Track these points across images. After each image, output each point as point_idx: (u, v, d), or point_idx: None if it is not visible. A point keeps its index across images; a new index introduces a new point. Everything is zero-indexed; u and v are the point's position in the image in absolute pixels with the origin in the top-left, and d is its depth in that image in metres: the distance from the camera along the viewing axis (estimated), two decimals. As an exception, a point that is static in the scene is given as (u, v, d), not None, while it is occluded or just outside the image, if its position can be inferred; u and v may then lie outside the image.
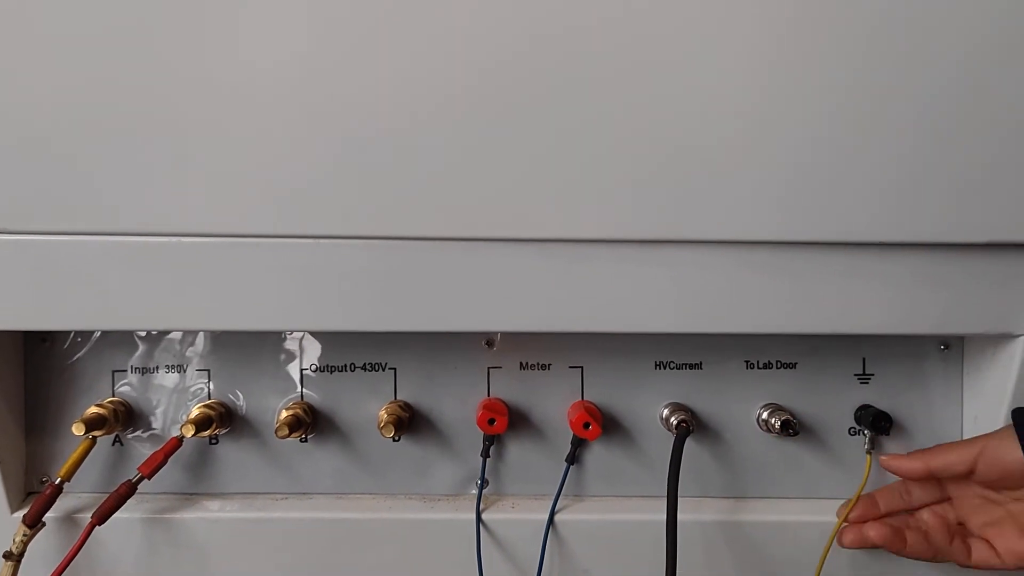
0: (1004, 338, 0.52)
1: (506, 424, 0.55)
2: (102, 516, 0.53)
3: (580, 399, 0.57)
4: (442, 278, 0.49)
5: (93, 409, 0.55)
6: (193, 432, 0.54)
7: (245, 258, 0.49)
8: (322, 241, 0.49)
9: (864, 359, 0.57)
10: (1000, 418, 0.53)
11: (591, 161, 0.46)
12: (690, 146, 0.46)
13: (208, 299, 0.50)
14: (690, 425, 0.54)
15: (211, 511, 0.56)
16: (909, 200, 0.47)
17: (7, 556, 0.52)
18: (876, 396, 0.57)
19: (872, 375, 0.57)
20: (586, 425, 0.54)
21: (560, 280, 0.49)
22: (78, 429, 0.53)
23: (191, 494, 0.58)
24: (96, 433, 0.55)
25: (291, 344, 0.57)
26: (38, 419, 0.57)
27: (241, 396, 0.57)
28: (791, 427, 0.54)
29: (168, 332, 0.57)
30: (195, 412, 0.56)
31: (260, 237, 0.48)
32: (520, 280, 0.49)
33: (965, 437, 0.56)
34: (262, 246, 0.49)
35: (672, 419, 0.55)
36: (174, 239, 0.49)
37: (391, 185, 0.47)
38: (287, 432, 0.53)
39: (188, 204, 0.47)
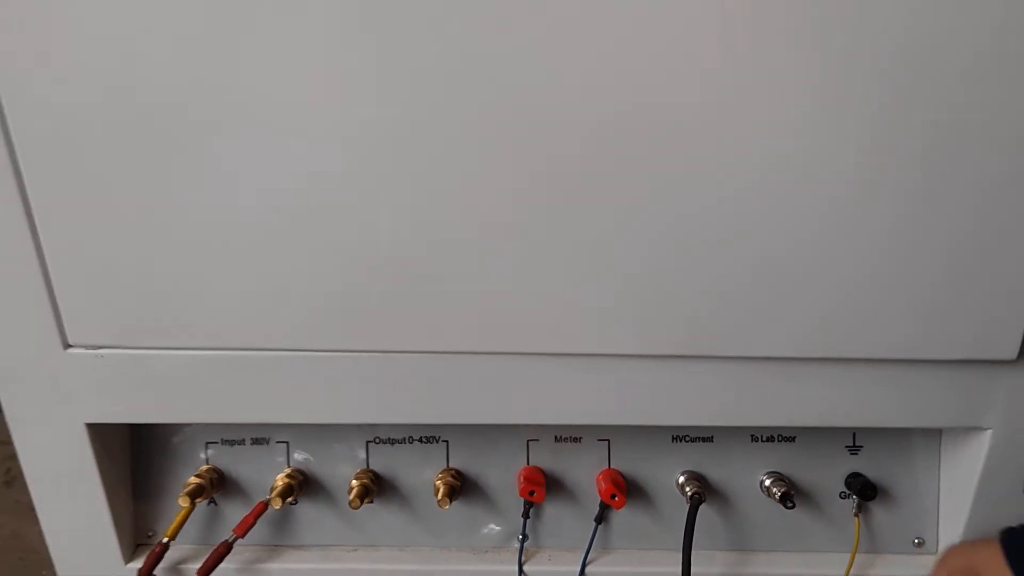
0: (974, 430, 0.60)
1: (544, 495, 0.64)
2: (206, 571, 0.63)
3: (607, 468, 0.66)
4: (486, 383, 0.58)
5: (193, 479, 0.65)
6: (280, 504, 0.63)
7: (323, 367, 0.58)
8: (385, 355, 0.57)
9: (855, 434, 0.66)
10: (972, 489, 0.62)
11: (613, 291, 0.54)
12: (703, 283, 0.54)
13: (294, 399, 0.59)
14: (702, 495, 0.63)
15: (293, 562, 0.66)
16: (890, 322, 0.55)
17: (127, 604, 0.63)
18: (865, 465, 0.66)
19: (861, 447, 0.66)
20: (612, 496, 0.63)
21: (586, 384, 0.58)
22: (184, 501, 0.63)
23: (275, 546, 0.68)
24: (196, 500, 0.64)
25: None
26: (143, 482, 0.67)
27: (316, 463, 0.67)
28: (789, 499, 0.63)
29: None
30: (279, 483, 0.65)
31: (337, 352, 0.57)
32: (552, 385, 0.58)
33: (941, 505, 0.65)
34: (336, 358, 0.58)
35: (687, 488, 0.64)
36: (264, 353, 0.57)
37: (442, 312, 0.55)
38: (359, 503, 0.63)
39: (277, 323, 0.56)
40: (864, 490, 0.64)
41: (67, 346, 0.57)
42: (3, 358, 0.58)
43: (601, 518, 0.66)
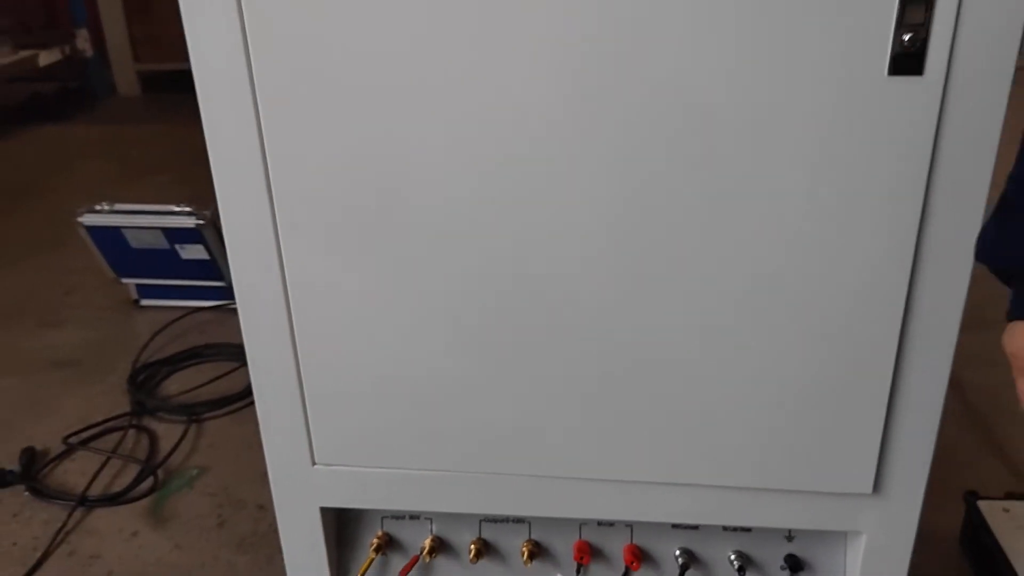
0: (848, 533, 0.97)
1: (589, 559, 1.03)
2: (383, 597, 1.05)
3: (630, 543, 1.05)
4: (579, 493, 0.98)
5: (374, 540, 1.07)
6: (429, 560, 1.04)
7: (507, 484, 0.99)
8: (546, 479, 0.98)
9: (790, 529, 1.03)
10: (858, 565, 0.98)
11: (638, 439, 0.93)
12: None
13: (478, 497, 1.00)
14: (688, 564, 1.01)
15: (434, 594, 1.07)
16: (750, 453, 0.92)
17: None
18: (797, 547, 1.03)
19: (795, 536, 1.03)
20: (631, 562, 1.02)
21: (621, 495, 0.97)
22: (371, 553, 1.05)
23: (422, 583, 1.09)
24: (372, 556, 1.06)
25: (475, 506, 1.07)
26: (342, 537, 1.09)
27: (450, 531, 1.08)
28: (743, 572, 1.01)
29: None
30: (427, 544, 1.06)
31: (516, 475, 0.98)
32: (605, 497, 0.97)
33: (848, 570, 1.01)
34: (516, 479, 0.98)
35: (680, 559, 1.02)
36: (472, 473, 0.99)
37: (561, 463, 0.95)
38: (476, 560, 1.03)
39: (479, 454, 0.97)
40: (795, 566, 1.01)
41: (314, 463, 1.00)
42: (273, 465, 1.01)
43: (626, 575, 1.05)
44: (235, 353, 1.99)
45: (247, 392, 1.82)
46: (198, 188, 2.71)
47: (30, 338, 2.10)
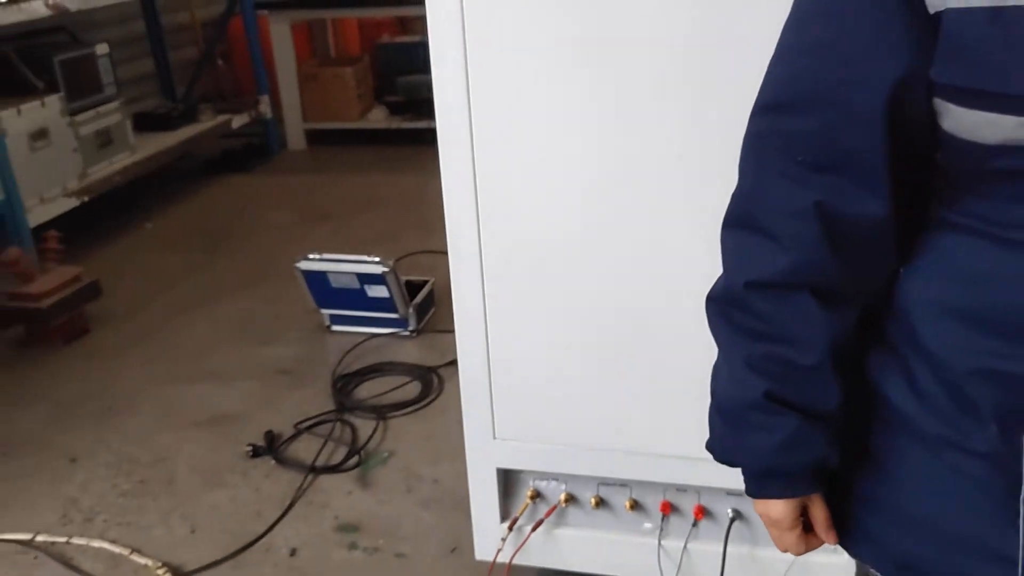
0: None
1: (670, 512, 1.56)
2: (537, 525, 1.61)
3: (698, 503, 1.57)
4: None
5: (529, 492, 1.63)
6: (564, 506, 1.60)
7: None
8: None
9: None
10: None
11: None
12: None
13: (598, 465, 1.55)
14: (736, 518, 1.53)
15: (570, 528, 1.62)
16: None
17: None
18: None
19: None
20: (698, 516, 1.54)
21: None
22: (525, 503, 1.61)
23: (556, 527, 1.64)
24: (527, 502, 1.62)
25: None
26: (507, 489, 1.66)
27: (578, 489, 1.63)
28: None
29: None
30: (563, 497, 1.62)
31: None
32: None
33: None
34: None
35: (730, 515, 1.54)
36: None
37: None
38: (596, 508, 1.59)
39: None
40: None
41: (494, 437, 1.57)
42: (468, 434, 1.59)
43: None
44: (406, 369, 2.62)
45: (420, 398, 2.45)
46: (357, 233, 3.37)
47: (256, 353, 2.79)
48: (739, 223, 0.78)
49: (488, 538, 1.65)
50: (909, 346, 0.75)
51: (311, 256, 2.74)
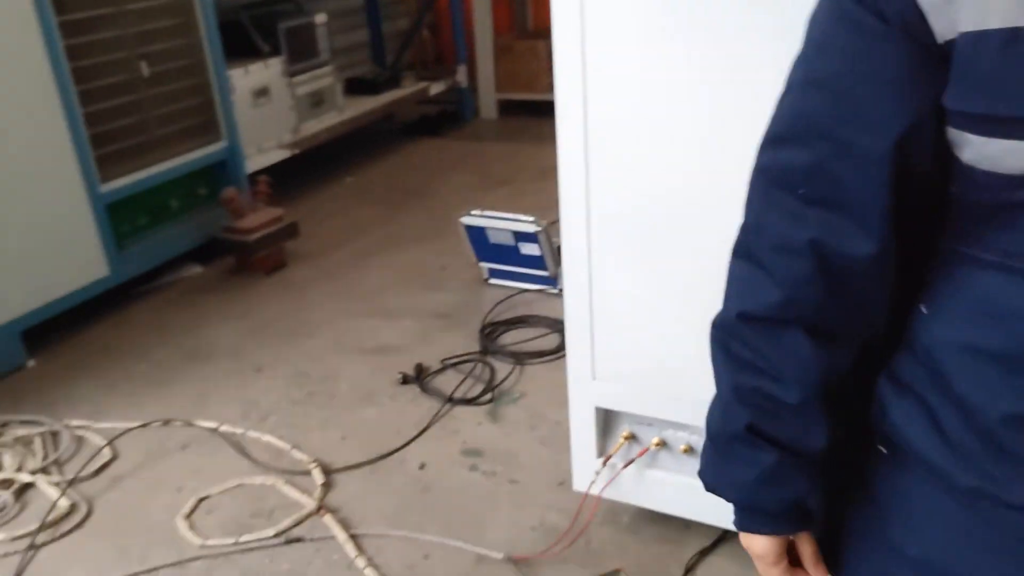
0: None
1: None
2: (629, 463, 1.75)
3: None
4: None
5: (624, 432, 1.77)
6: (656, 450, 1.73)
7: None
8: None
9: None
10: None
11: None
12: None
13: (689, 413, 1.67)
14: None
15: (659, 470, 1.75)
16: None
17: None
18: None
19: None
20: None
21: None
22: (619, 442, 1.75)
23: (647, 470, 1.77)
24: (622, 442, 1.76)
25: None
26: (604, 429, 1.81)
27: (668, 434, 1.74)
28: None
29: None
30: (655, 440, 1.74)
31: (682, 397, 1.65)
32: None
33: None
34: (682, 399, 1.65)
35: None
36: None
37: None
38: (685, 453, 1.70)
39: (663, 384, 1.65)
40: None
41: (594, 379, 1.72)
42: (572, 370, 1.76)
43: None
44: (549, 323, 2.81)
45: (557, 349, 2.63)
46: (531, 200, 3.58)
47: (421, 297, 3.09)
48: (740, 253, 0.78)
49: (584, 471, 1.81)
50: (934, 390, 0.70)
51: (473, 212, 2.98)
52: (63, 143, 2.79)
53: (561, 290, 2.93)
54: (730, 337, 0.79)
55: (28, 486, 2.15)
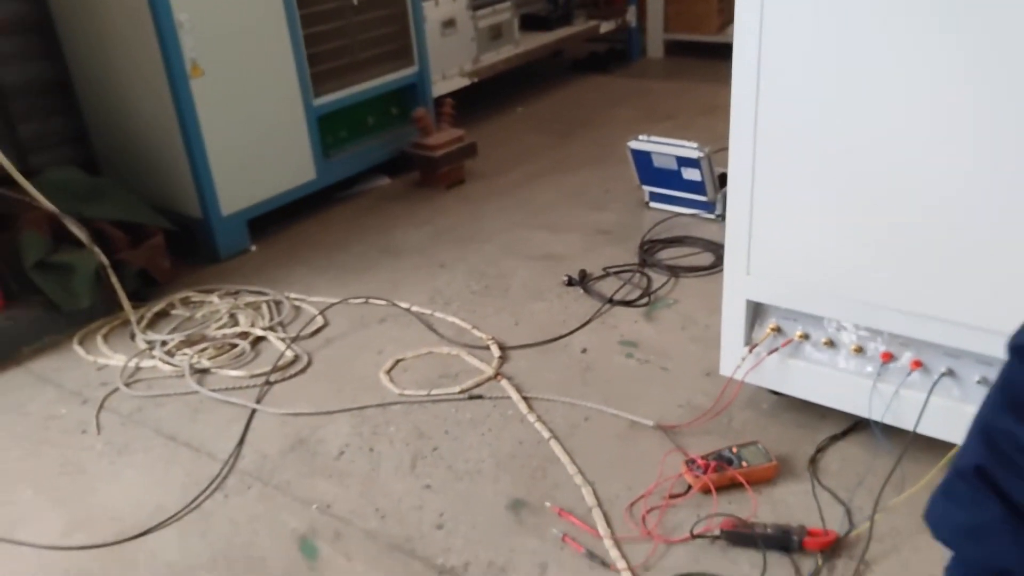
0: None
1: (889, 359, 1.83)
2: (771, 351, 1.98)
3: (914, 358, 1.82)
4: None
5: (771, 323, 1.99)
6: (799, 342, 1.94)
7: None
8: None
9: None
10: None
11: (921, 292, 1.72)
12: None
13: (835, 309, 1.88)
14: (946, 374, 1.76)
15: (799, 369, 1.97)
16: None
17: (742, 358, 2.00)
18: None
19: None
20: (914, 367, 1.80)
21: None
22: (768, 333, 1.98)
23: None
24: (769, 332, 1.98)
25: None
26: (753, 320, 2.03)
27: (812, 328, 1.95)
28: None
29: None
30: (798, 333, 1.95)
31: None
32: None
33: None
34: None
35: (943, 371, 1.78)
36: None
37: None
38: (826, 347, 1.91)
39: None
40: None
41: (748, 273, 1.95)
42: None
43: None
44: (704, 244, 3.02)
45: (711, 267, 2.85)
46: (695, 133, 3.77)
47: (585, 215, 3.37)
48: None
49: (731, 358, 2.05)
50: None
51: (640, 137, 3.21)
52: (288, 61, 3.23)
53: (719, 215, 3.16)
54: None
55: (260, 339, 2.62)
